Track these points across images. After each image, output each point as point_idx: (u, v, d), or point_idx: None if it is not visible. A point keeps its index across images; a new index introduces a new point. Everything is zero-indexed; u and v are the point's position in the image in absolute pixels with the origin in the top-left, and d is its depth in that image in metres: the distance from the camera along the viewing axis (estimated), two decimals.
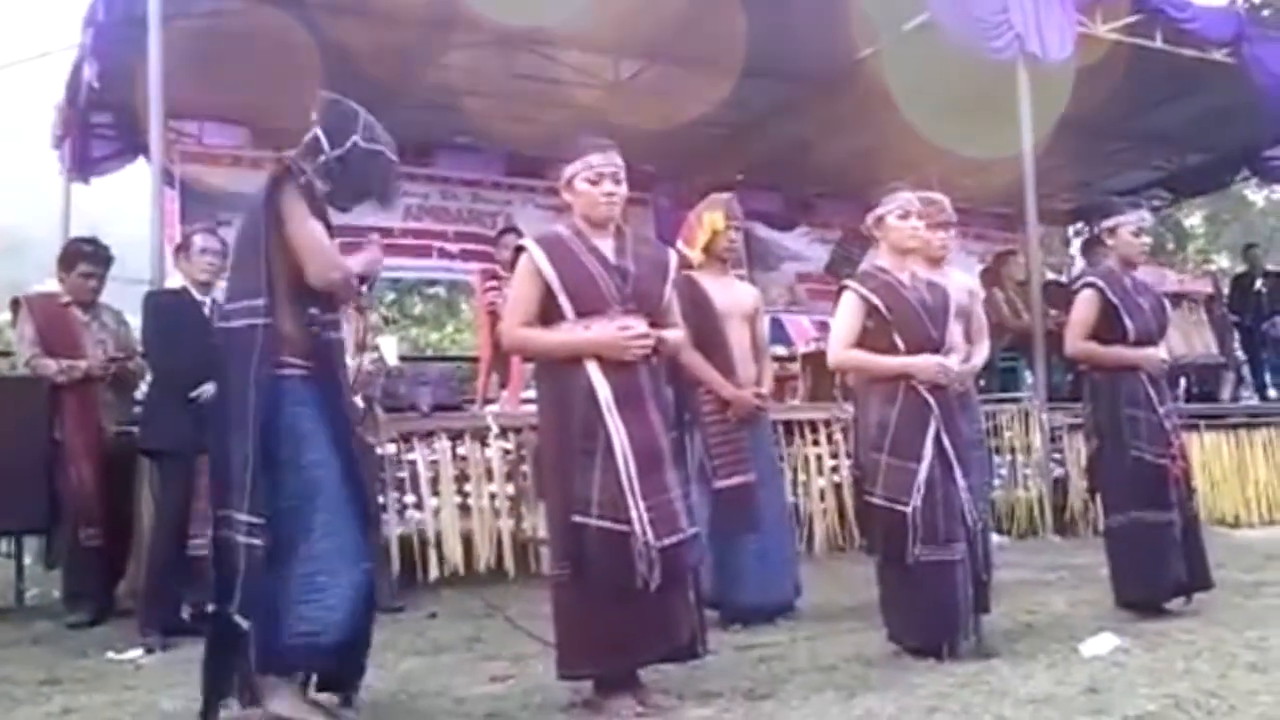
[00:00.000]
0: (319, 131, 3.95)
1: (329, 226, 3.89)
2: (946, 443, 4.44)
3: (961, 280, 5.70)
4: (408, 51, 9.13)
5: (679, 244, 5.54)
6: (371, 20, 8.57)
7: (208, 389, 5.70)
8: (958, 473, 4.43)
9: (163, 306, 5.84)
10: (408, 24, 8.74)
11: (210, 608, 3.52)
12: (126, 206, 7.75)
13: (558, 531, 3.76)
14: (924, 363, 4.47)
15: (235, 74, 8.97)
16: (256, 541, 3.42)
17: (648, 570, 3.62)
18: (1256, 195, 21.74)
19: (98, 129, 9.86)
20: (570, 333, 3.80)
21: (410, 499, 6.99)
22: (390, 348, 8.13)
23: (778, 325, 12.46)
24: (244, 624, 3.43)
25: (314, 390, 3.65)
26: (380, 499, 6.73)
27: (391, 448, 6.88)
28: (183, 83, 7.39)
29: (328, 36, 8.30)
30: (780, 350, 10.18)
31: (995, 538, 6.61)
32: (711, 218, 5.57)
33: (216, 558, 3.50)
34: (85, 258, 6.37)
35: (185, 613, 5.42)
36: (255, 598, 3.43)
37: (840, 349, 4.63)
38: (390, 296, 15.70)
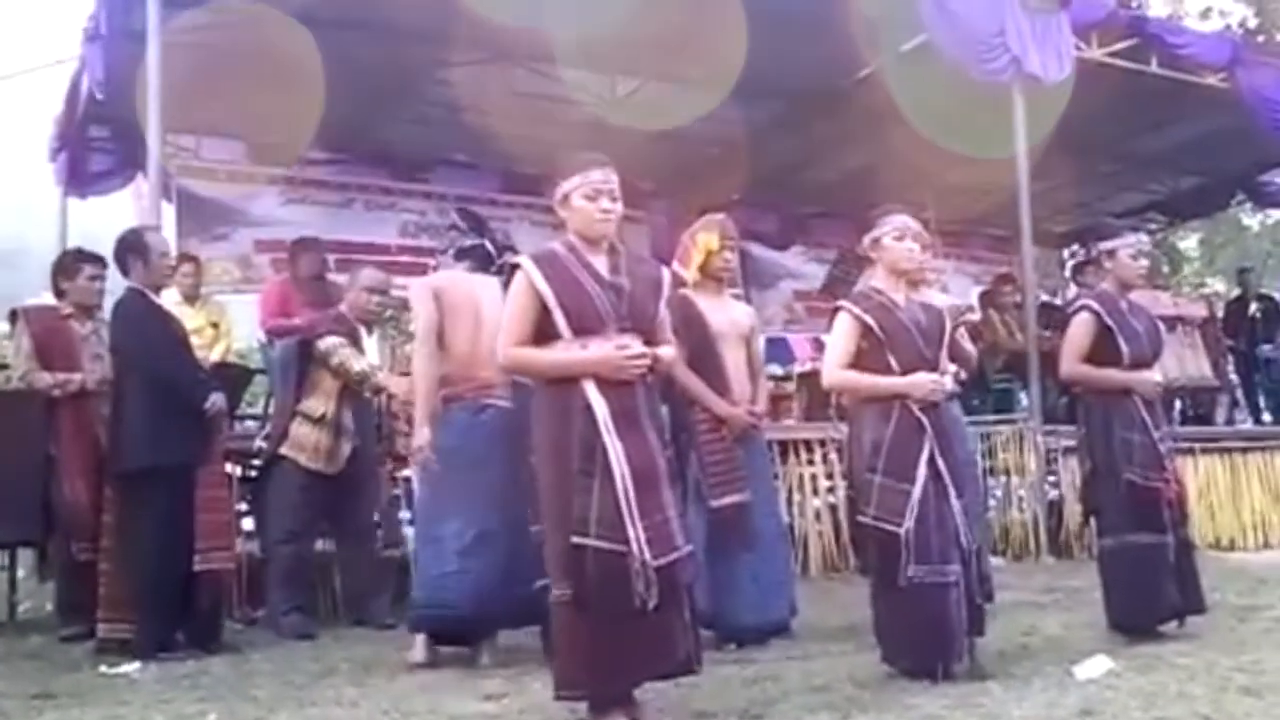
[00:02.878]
0: None
1: None
2: (940, 463, 4.44)
3: (942, 301, 5.72)
4: (407, 67, 9.16)
5: (674, 264, 5.56)
6: (371, 35, 8.59)
7: (218, 399, 5.71)
8: (952, 494, 4.43)
9: (139, 310, 5.70)
10: (407, 40, 8.77)
11: None
12: (124, 220, 7.78)
13: (557, 553, 3.75)
14: (918, 381, 4.48)
15: (234, 88, 9.00)
16: None
17: (645, 590, 3.62)
18: (1251, 219, 21.81)
19: (95, 142, 9.86)
20: (567, 352, 3.80)
21: (406, 515, 6.99)
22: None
23: (782, 343, 12.48)
24: None
25: None
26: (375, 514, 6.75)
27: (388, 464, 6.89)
28: (181, 96, 7.42)
29: (327, 51, 8.32)
30: (776, 369, 10.19)
31: (993, 560, 6.63)
32: (706, 238, 5.59)
33: None
34: (89, 261, 6.36)
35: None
36: None
37: (835, 370, 4.64)
38: (387, 314, 15.70)
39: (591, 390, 3.75)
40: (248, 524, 7.08)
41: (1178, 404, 10.48)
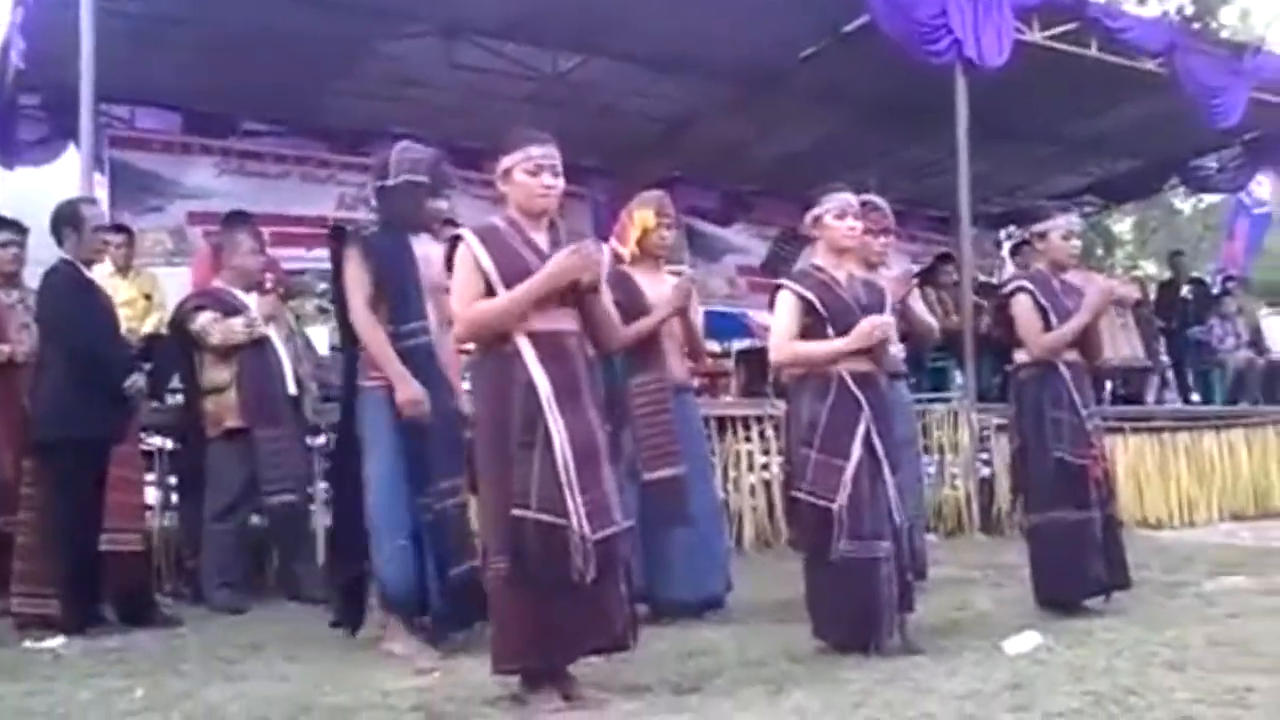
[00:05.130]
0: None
1: None
2: (876, 441, 4.47)
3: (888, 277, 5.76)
4: (347, 38, 9.04)
5: (612, 240, 5.56)
6: (311, 6, 8.45)
7: (138, 379, 5.64)
8: (886, 471, 4.47)
9: (68, 283, 5.58)
10: (348, 10, 8.64)
11: None
12: (55, 190, 7.60)
13: (495, 525, 3.74)
14: (860, 330, 4.49)
15: (169, 58, 8.84)
16: None
17: (583, 563, 3.63)
18: (1184, 204, 22.12)
19: (25, 111, 9.65)
20: (518, 289, 3.76)
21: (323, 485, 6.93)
22: (321, 338, 8.07)
23: (743, 317, 12.50)
24: None
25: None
26: (309, 489, 6.70)
27: (321, 439, 6.83)
28: (115, 65, 7.26)
29: (266, 21, 8.20)
30: (714, 347, 10.21)
31: (926, 536, 6.69)
32: (642, 215, 5.59)
33: None
34: (3, 227, 6.26)
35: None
36: None
37: (783, 345, 4.64)
38: (322, 286, 15.50)
39: (533, 363, 3.74)
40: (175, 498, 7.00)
41: (1109, 384, 10.62)
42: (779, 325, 4.67)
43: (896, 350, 5.50)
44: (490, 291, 3.81)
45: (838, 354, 4.51)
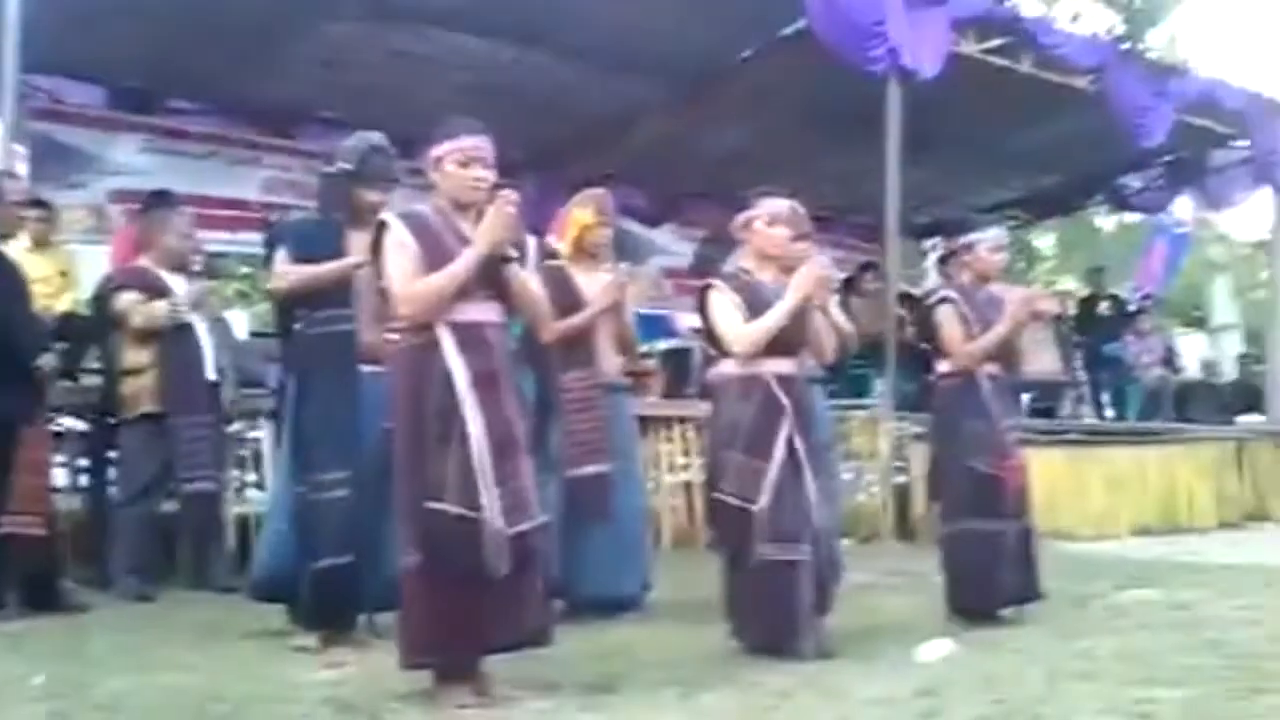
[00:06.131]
0: None
1: None
2: (798, 444, 4.50)
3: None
4: (280, 18, 8.89)
5: (550, 236, 5.56)
6: None
7: (49, 359, 5.51)
8: (807, 474, 4.49)
9: None
10: None
11: None
12: None
13: (408, 518, 3.71)
14: (805, 276, 4.54)
15: (95, 30, 8.63)
16: None
17: (496, 557, 3.60)
18: (1106, 221, 22.50)
19: None
20: (452, 266, 3.73)
21: (252, 478, 6.85)
22: (241, 322, 7.95)
23: (668, 320, 12.46)
24: None
25: None
26: (223, 476, 6.59)
27: (236, 425, 6.73)
28: (39, 36, 7.09)
29: None
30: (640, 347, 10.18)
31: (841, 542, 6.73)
32: (580, 213, 5.62)
33: None
34: None
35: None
36: None
37: (742, 333, 4.57)
38: (244, 270, 15.27)
39: (451, 353, 3.70)
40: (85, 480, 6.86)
41: (1026, 396, 10.77)
42: (728, 319, 4.62)
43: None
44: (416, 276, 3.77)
45: (792, 310, 4.51)
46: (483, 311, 3.83)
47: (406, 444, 3.75)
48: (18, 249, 6.25)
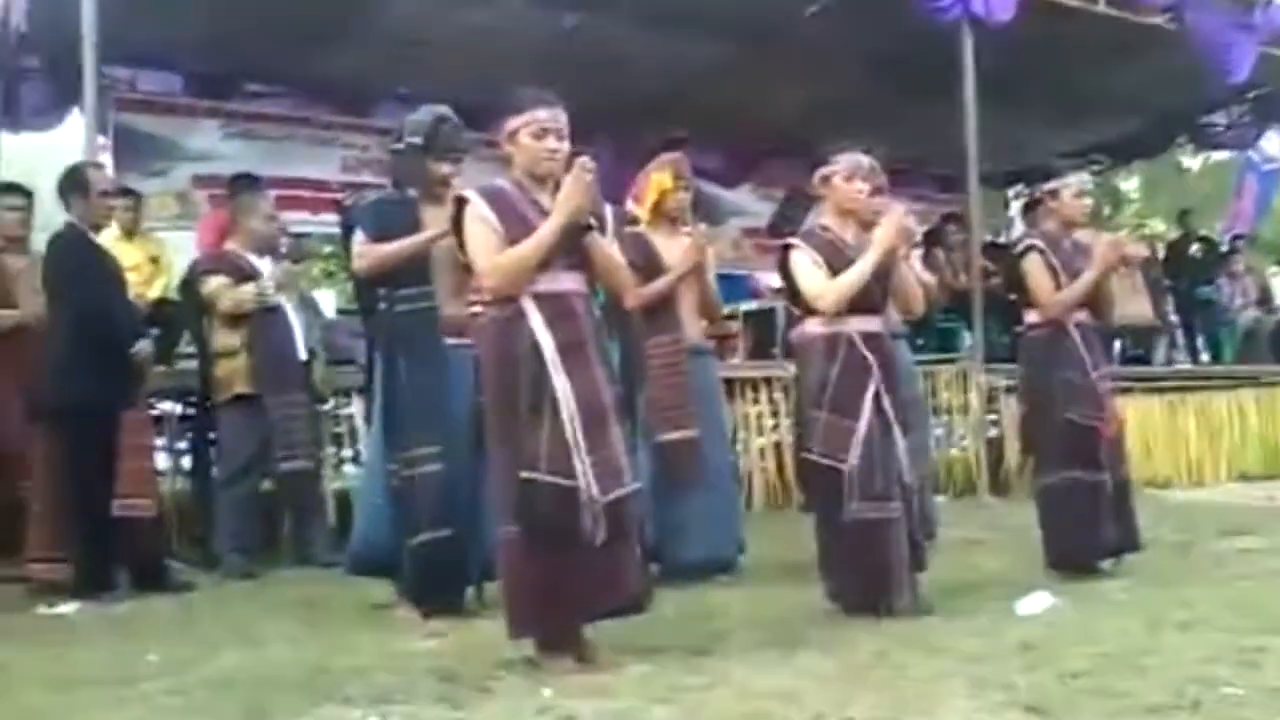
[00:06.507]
0: None
1: None
2: (885, 401, 4.47)
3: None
4: None
5: (629, 202, 5.56)
6: None
7: (145, 345, 5.64)
8: (896, 432, 4.47)
9: (74, 247, 5.59)
10: None
11: None
12: (60, 155, 7.56)
13: (506, 490, 3.74)
14: (889, 227, 4.52)
15: (168, 18, 8.75)
16: None
17: (593, 525, 3.62)
18: (1192, 161, 21.96)
19: (28, 74, 9.57)
20: (537, 234, 3.74)
21: (348, 453, 6.95)
22: (329, 301, 8.06)
23: (750, 280, 12.42)
24: None
25: None
26: (319, 453, 6.70)
27: (330, 402, 6.83)
28: (115, 26, 7.20)
29: None
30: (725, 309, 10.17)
31: (935, 498, 6.70)
32: (659, 178, 5.63)
33: None
34: (6, 192, 6.25)
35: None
36: None
37: (826, 290, 4.53)
38: (328, 249, 15.45)
39: (538, 325, 3.72)
40: (187, 462, 7.01)
41: (1118, 343, 10.60)
42: (811, 277, 4.58)
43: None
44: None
45: (876, 264, 4.47)
46: (567, 281, 3.84)
47: (498, 416, 3.78)
48: (109, 238, 6.40)
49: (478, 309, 4.05)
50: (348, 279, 6.12)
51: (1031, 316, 5.37)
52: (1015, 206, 14.42)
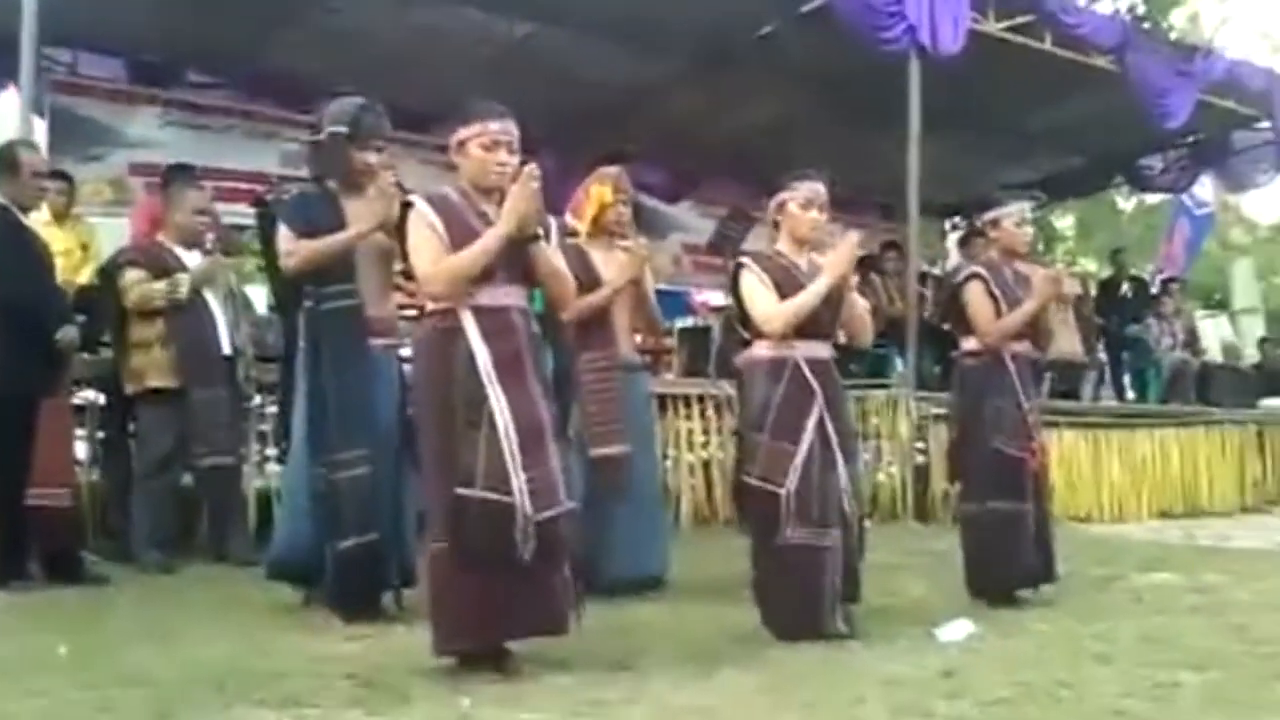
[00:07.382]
0: None
1: None
2: (829, 428, 4.46)
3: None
4: None
5: (568, 215, 5.53)
6: None
7: (69, 331, 5.52)
8: (838, 458, 4.46)
9: (4, 229, 5.43)
10: None
11: None
12: None
13: (438, 504, 3.70)
14: (840, 255, 4.49)
15: (113, 3, 8.63)
16: None
17: (523, 543, 3.59)
18: (1127, 202, 22.36)
19: None
20: (480, 242, 3.72)
21: (272, 451, 6.85)
22: (260, 297, 7.94)
23: (685, 297, 12.44)
24: None
25: None
26: (241, 450, 6.59)
27: (256, 399, 6.73)
28: (58, 8, 7.07)
29: None
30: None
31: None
32: (599, 191, 5.59)
33: None
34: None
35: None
36: None
37: (773, 313, 4.50)
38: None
39: (475, 338, 3.69)
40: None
41: (1046, 378, 10.72)
42: (760, 297, 4.55)
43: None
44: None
45: (823, 292, 4.45)
46: (506, 295, 3.82)
47: (433, 430, 3.75)
48: (38, 222, 6.25)
49: (414, 317, 4.01)
50: (266, 275, 6.00)
51: (969, 344, 5.38)
52: (952, 238, 14.57)
